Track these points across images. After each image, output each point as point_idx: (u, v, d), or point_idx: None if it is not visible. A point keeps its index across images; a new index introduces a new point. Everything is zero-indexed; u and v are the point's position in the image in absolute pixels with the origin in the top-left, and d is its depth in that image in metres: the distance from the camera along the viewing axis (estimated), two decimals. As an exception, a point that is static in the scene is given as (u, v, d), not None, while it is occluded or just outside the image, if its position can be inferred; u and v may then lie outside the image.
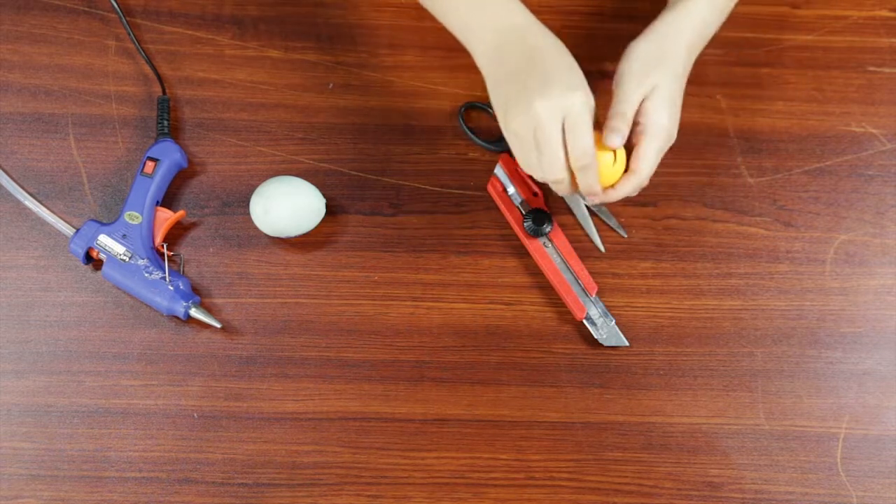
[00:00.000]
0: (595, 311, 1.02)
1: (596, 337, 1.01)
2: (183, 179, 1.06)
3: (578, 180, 0.92)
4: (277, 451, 0.99)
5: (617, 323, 1.02)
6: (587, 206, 1.05)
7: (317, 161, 1.07)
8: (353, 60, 1.10)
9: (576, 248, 1.04)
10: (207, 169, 1.07)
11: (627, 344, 1.01)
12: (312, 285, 1.03)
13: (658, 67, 0.93)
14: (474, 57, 0.95)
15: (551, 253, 1.03)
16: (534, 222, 1.03)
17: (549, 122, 0.89)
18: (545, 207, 1.05)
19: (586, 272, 1.02)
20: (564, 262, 1.03)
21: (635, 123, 0.93)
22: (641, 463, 0.99)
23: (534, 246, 1.03)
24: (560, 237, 1.04)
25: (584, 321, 1.01)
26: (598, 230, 1.05)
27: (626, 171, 0.94)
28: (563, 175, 0.91)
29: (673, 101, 0.93)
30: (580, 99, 0.89)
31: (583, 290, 1.02)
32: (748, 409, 1.00)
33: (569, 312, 1.02)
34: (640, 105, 0.92)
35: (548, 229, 1.03)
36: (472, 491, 0.98)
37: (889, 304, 1.03)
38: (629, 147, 0.94)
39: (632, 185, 0.94)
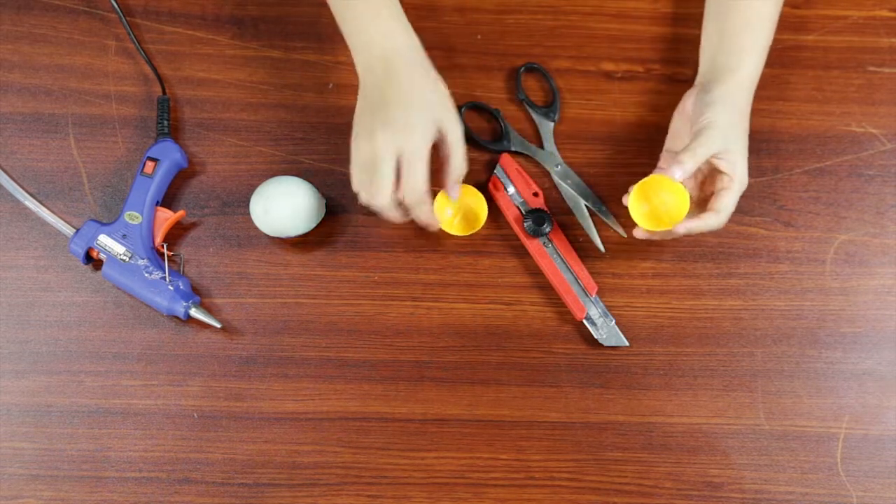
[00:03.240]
0: (595, 311, 1.02)
1: (596, 337, 1.01)
2: (183, 179, 1.06)
3: (412, 214, 0.97)
4: (277, 451, 0.99)
5: (617, 323, 1.02)
6: (587, 206, 1.05)
7: (317, 161, 1.07)
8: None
9: (576, 248, 1.03)
10: (207, 169, 1.07)
11: (627, 344, 1.01)
12: (312, 285, 1.03)
13: (733, 127, 0.98)
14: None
15: (551, 253, 1.03)
16: (534, 222, 1.03)
17: (384, 154, 0.93)
18: (545, 207, 1.04)
19: (586, 272, 1.02)
20: (564, 262, 1.03)
21: (720, 172, 0.97)
22: (641, 463, 0.99)
23: (534, 246, 1.03)
24: (560, 237, 1.04)
25: (584, 321, 1.01)
26: (598, 230, 1.05)
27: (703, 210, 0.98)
28: (385, 203, 0.95)
29: (745, 154, 0.98)
30: (415, 142, 0.94)
31: (583, 290, 1.02)
32: (748, 409, 1.00)
33: (569, 312, 1.02)
34: (724, 157, 0.96)
35: (548, 229, 1.03)
36: (472, 491, 0.98)
37: (889, 304, 1.03)
38: (707, 191, 0.98)
39: (709, 224, 0.97)
